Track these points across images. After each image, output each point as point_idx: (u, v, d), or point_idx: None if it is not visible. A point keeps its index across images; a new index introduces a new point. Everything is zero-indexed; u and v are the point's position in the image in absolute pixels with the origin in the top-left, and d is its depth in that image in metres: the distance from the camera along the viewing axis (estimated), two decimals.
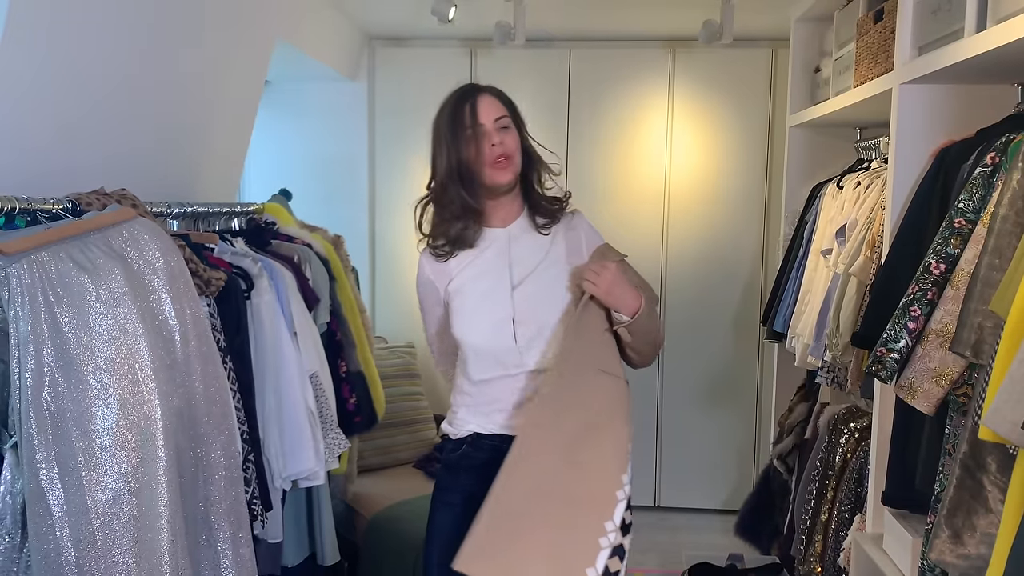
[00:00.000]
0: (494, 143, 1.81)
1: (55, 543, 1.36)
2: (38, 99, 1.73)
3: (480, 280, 1.88)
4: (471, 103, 1.82)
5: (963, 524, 1.48)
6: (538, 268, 1.87)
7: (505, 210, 1.91)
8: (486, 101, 1.83)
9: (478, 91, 1.85)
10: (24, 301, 1.37)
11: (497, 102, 1.85)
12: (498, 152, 1.80)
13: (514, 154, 1.83)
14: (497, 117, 1.82)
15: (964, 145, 1.79)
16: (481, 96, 1.84)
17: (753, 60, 3.97)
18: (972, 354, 1.48)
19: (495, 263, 1.88)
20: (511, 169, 1.83)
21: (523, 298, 1.84)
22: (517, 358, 1.83)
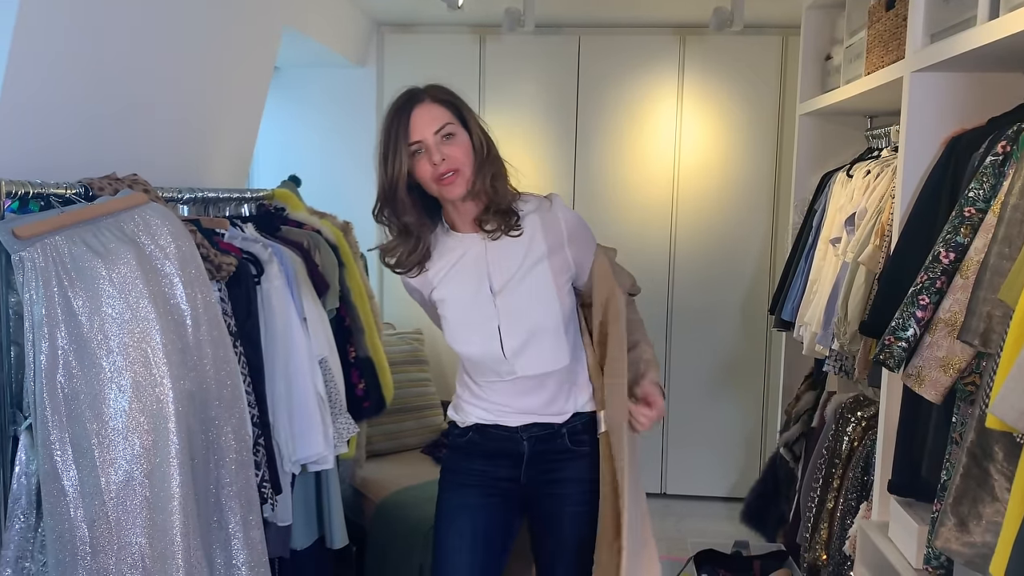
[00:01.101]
0: (435, 161, 1.66)
1: (69, 523, 1.39)
2: (51, 87, 1.74)
3: (462, 289, 1.79)
4: (405, 119, 1.67)
5: (969, 512, 1.49)
6: (519, 271, 1.76)
7: (472, 214, 1.77)
8: (423, 112, 1.67)
9: (414, 102, 1.68)
10: (38, 285, 1.39)
11: (437, 109, 1.68)
12: (442, 169, 1.66)
13: (462, 165, 1.68)
14: (438, 128, 1.67)
15: (975, 134, 1.79)
16: (417, 108, 1.67)
17: (764, 48, 3.95)
18: (980, 343, 1.48)
19: (474, 271, 1.78)
20: (461, 182, 1.68)
21: (506, 306, 1.75)
22: (508, 367, 1.77)
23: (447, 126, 1.67)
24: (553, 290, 1.76)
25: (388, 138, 1.68)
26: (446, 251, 1.80)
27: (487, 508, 1.86)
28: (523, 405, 1.81)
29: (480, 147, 1.71)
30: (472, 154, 1.70)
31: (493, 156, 1.73)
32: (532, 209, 1.79)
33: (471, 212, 1.76)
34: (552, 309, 1.76)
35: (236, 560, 1.63)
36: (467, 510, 1.86)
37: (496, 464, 1.85)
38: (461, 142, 1.69)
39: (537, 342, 1.76)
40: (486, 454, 1.85)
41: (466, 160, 1.68)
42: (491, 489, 1.86)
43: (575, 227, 1.83)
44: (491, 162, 1.72)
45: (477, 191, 1.70)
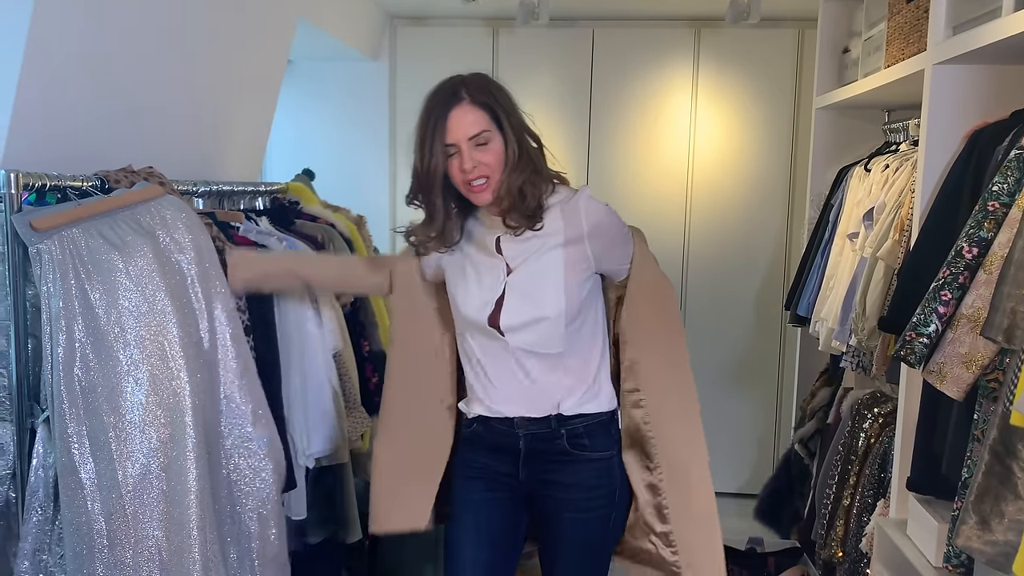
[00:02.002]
0: (465, 168, 1.65)
1: (86, 516, 1.39)
2: (66, 81, 1.73)
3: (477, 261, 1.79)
4: (443, 118, 1.65)
5: (991, 510, 1.47)
6: (533, 254, 1.74)
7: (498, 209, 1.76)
8: (461, 114, 1.65)
9: (454, 101, 1.66)
10: (56, 277, 1.39)
11: (475, 113, 1.65)
12: (472, 176, 1.66)
13: (493, 172, 1.66)
14: (473, 135, 1.65)
15: (998, 127, 1.76)
16: (456, 109, 1.65)
17: (780, 40, 3.92)
18: (1004, 339, 1.46)
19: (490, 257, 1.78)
20: (489, 189, 1.68)
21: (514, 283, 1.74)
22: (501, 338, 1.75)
23: (483, 133, 1.65)
24: (561, 280, 1.72)
25: (424, 132, 1.68)
26: (472, 239, 1.81)
27: (492, 503, 1.85)
28: (512, 388, 1.77)
29: (513, 153, 1.67)
30: (504, 160, 1.67)
31: (526, 159, 1.69)
32: (557, 201, 1.77)
33: (498, 207, 1.74)
34: (555, 298, 1.72)
35: (252, 554, 1.63)
36: (471, 504, 1.85)
37: (498, 459, 1.83)
38: (494, 148, 1.66)
39: (536, 324, 1.73)
40: (489, 447, 1.84)
41: (497, 166, 1.67)
42: (495, 484, 1.85)
43: (598, 223, 1.78)
44: (523, 167, 1.68)
45: (502, 196, 1.69)
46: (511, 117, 1.69)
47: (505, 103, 1.70)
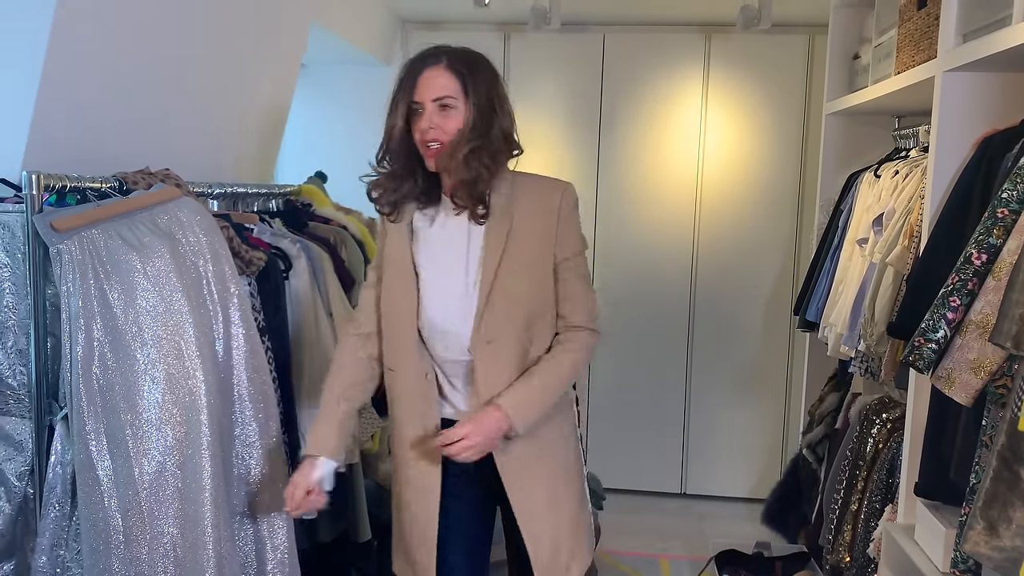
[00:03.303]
0: (422, 126, 1.65)
1: (103, 512, 1.41)
2: (85, 86, 1.76)
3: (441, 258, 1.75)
4: (414, 77, 1.66)
5: (999, 516, 1.47)
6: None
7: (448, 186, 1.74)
8: (432, 76, 1.65)
9: (428, 63, 1.66)
10: (75, 277, 1.41)
11: (446, 77, 1.64)
12: (427, 137, 1.66)
13: (447, 139, 1.64)
14: (438, 96, 1.64)
15: (1008, 134, 1.77)
16: (428, 70, 1.65)
17: (790, 46, 3.93)
18: (1013, 345, 1.47)
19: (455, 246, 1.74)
20: (442, 155, 1.66)
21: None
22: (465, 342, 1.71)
23: (447, 98, 1.64)
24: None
25: (396, 89, 1.69)
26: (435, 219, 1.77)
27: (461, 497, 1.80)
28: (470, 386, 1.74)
29: (475, 124, 1.65)
30: (466, 129, 1.64)
31: (483, 134, 1.65)
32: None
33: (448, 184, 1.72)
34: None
35: (264, 552, 1.65)
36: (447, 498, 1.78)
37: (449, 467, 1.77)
38: (455, 116, 1.65)
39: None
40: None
41: (454, 134, 1.65)
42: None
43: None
44: (476, 137, 1.64)
45: (446, 161, 1.66)
46: (483, 93, 1.66)
47: (482, 79, 1.67)
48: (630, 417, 4.17)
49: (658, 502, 4.16)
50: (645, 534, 3.75)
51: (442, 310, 1.72)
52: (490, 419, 1.64)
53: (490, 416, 1.64)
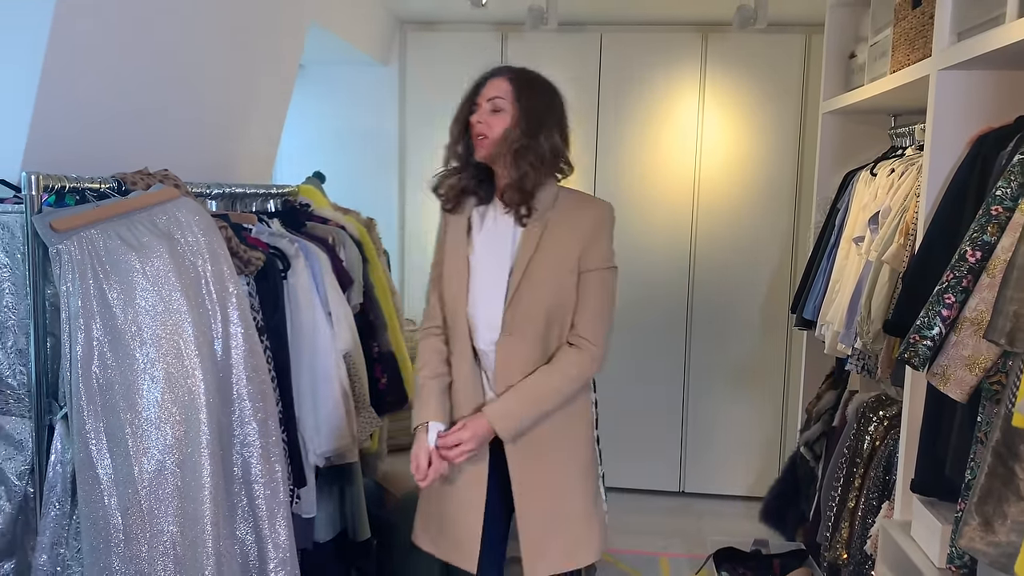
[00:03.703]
0: (472, 119, 1.88)
1: (103, 511, 1.41)
2: (85, 85, 1.77)
3: (487, 253, 1.92)
4: (483, 81, 1.91)
5: (994, 512, 1.48)
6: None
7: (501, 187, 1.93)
8: (494, 82, 1.89)
9: (496, 73, 1.91)
10: (75, 277, 1.42)
11: (504, 84, 1.88)
12: (477, 130, 1.88)
13: (493, 135, 1.85)
14: (492, 97, 1.87)
15: (1002, 132, 1.78)
16: (493, 78, 1.90)
17: (787, 45, 3.94)
18: (1007, 342, 1.48)
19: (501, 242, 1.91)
20: (486, 146, 1.87)
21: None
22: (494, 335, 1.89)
23: (498, 100, 1.86)
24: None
25: (468, 91, 1.94)
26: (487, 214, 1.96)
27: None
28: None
29: (522, 127, 1.84)
30: (509, 135, 1.84)
31: (530, 137, 1.84)
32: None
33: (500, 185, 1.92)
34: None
35: (265, 551, 1.65)
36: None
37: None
38: (503, 118, 1.86)
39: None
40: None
41: (499, 132, 1.85)
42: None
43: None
44: (522, 138, 1.84)
45: (496, 156, 1.86)
46: (534, 103, 1.88)
47: (537, 93, 1.90)
48: (628, 416, 4.18)
49: (657, 500, 4.17)
50: (644, 532, 3.76)
51: (480, 301, 1.90)
52: (479, 427, 1.83)
53: (479, 424, 1.83)
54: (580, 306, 1.88)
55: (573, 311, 1.89)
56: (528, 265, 1.85)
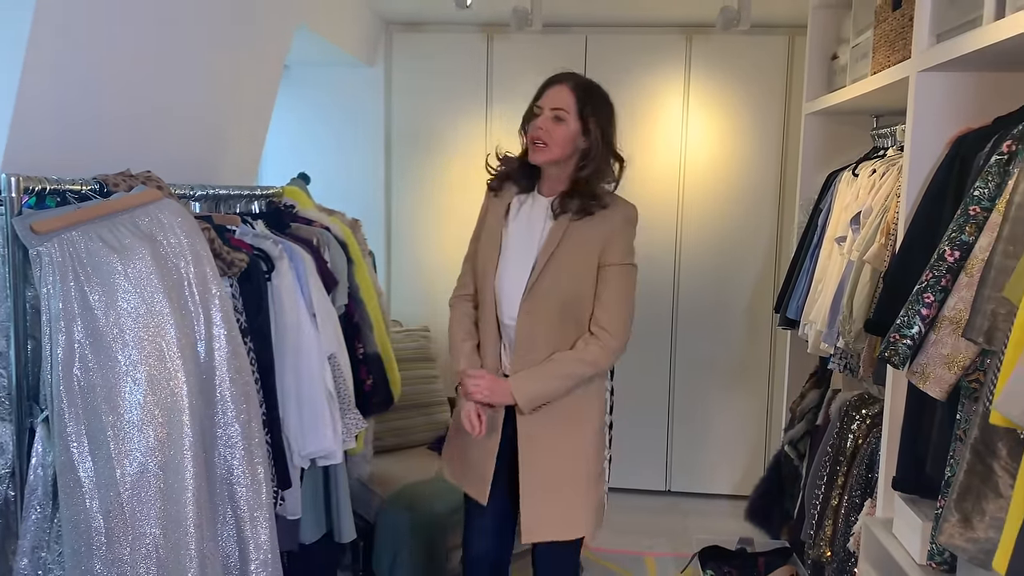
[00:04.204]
0: (538, 126, 2.05)
1: (85, 513, 1.41)
2: (67, 85, 1.76)
3: (519, 237, 2.13)
4: (546, 87, 2.10)
5: (973, 508, 1.50)
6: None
7: (550, 184, 2.15)
8: (556, 90, 2.07)
9: (560, 80, 2.09)
10: (55, 279, 1.41)
11: (567, 95, 2.05)
12: (536, 135, 2.05)
13: (552, 143, 2.04)
14: (555, 107, 2.05)
15: (981, 133, 1.80)
16: (556, 85, 2.08)
17: (770, 47, 3.96)
18: (984, 340, 1.49)
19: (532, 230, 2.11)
20: (543, 154, 2.05)
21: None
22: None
23: (561, 111, 2.05)
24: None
25: (538, 90, 2.12)
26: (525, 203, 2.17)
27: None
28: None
29: (585, 143, 2.06)
30: (569, 142, 2.05)
31: (597, 156, 2.07)
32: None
33: (550, 179, 2.13)
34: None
35: (247, 552, 1.65)
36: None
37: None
38: (564, 128, 2.05)
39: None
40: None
41: (558, 142, 2.05)
42: None
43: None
44: (594, 159, 2.07)
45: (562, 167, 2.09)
46: (598, 118, 2.07)
47: (598, 109, 2.08)
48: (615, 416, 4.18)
49: (643, 500, 4.19)
50: (631, 532, 3.77)
51: (507, 278, 2.10)
52: (502, 385, 2.05)
53: (502, 384, 2.05)
54: (599, 299, 2.07)
55: (592, 301, 2.08)
56: (552, 255, 2.05)
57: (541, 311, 2.05)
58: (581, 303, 2.07)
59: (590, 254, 2.06)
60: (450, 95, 4.10)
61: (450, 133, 4.12)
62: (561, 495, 2.10)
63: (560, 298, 2.05)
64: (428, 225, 4.18)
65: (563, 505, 2.11)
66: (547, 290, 2.05)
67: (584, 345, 2.07)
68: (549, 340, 2.06)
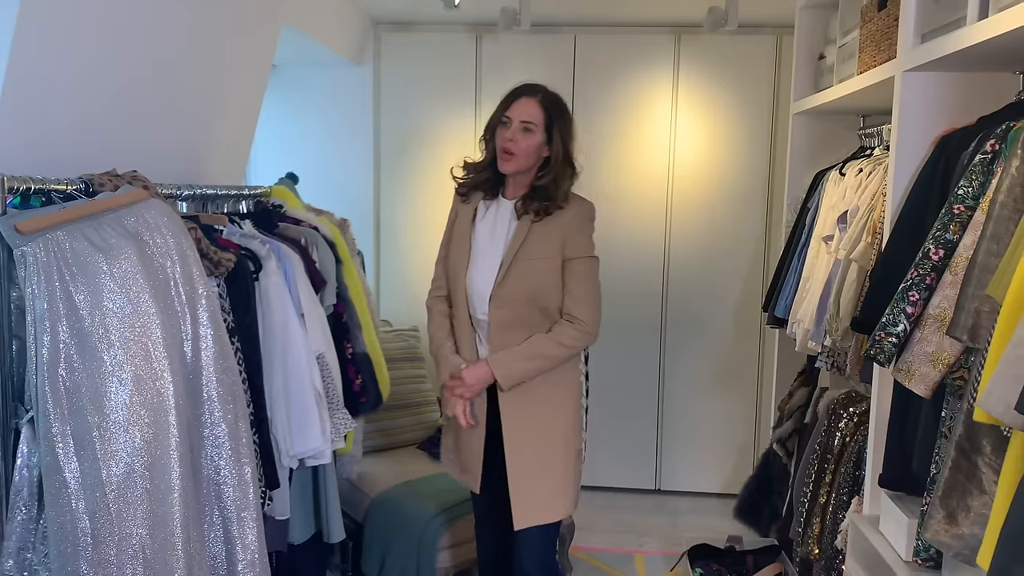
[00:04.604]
0: (506, 136, 2.18)
1: (71, 515, 1.40)
2: (52, 85, 1.75)
3: (487, 238, 2.27)
4: (513, 98, 2.21)
5: (958, 505, 1.51)
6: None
7: (513, 188, 2.29)
8: (525, 103, 2.19)
9: (527, 92, 2.21)
10: (40, 279, 1.40)
11: (535, 108, 2.18)
12: (506, 146, 2.18)
13: (520, 154, 2.18)
14: (524, 120, 2.18)
15: (965, 133, 1.81)
16: (525, 97, 2.20)
17: (758, 47, 3.98)
18: (969, 338, 1.50)
19: (498, 231, 2.27)
20: (512, 163, 2.19)
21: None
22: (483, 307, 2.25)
23: (530, 124, 2.18)
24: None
25: (500, 102, 2.24)
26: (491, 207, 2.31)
27: None
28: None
29: (547, 152, 2.22)
30: (535, 152, 2.20)
31: (561, 163, 2.21)
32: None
33: (522, 190, 2.26)
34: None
35: (234, 552, 1.65)
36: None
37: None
38: (533, 139, 2.19)
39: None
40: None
41: (527, 152, 2.19)
42: None
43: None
44: (554, 168, 2.20)
45: (526, 173, 2.23)
46: (561, 130, 2.21)
47: (562, 123, 2.22)
48: (604, 415, 4.20)
49: (633, 498, 4.20)
50: (620, 530, 3.78)
51: (478, 277, 2.25)
52: (479, 368, 2.20)
53: (480, 366, 2.20)
54: (568, 291, 2.22)
55: (557, 293, 2.22)
56: (516, 253, 2.20)
57: (510, 305, 2.21)
58: (547, 295, 2.21)
59: (552, 250, 2.20)
60: (439, 95, 4.10)
61: (439, 133, 4.12)
62: (547, 480, 2.25)
63: (526, 292, 2.20)
64: (417, 225, 4.18)
65: (550, 489, 2.25)
66: (514, 285, 2.20)
67: (560, 328, 2.21)
68: (519, 331, 2.21)
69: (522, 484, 2.24)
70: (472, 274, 2.26)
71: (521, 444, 2.25)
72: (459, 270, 2.28)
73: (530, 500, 2.24)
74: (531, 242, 2.21)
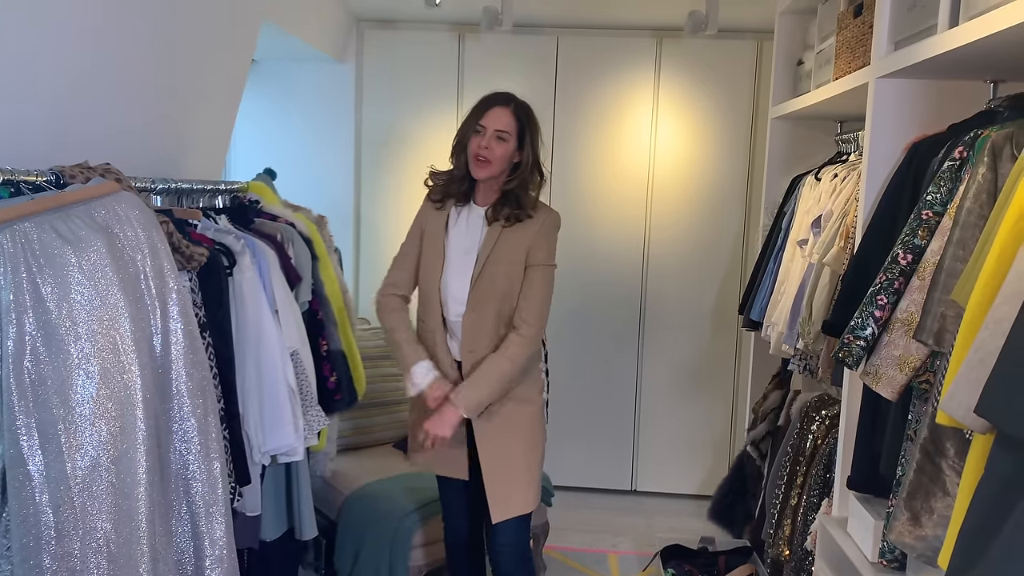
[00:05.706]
0: (481, 144, 2.27)
1: (34, 508, 1.39)
2: (25, 76, 1.73)
3: (460, 244, 2.35)
4: (487, 107, 2.29)
5: (921, 507, 1.53)
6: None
7: (484, 194, 2.38)
8: (499, 112, 2.28)
9: (500, 102, 2.29)
10: (6, 270, 1.39)
11: (509, 117, 2.27)
12: (481, 153, 2.27)
13: (494, 161, 2.27)
14: (498, 128, 2.27)
15: (935, 139, 1.83)
16: (498, 107, 2.28)
17: (738, 52, 4.01)
18: (934, 342, 1.52)
19: (471, 236, 2.35)
20: (486, 170, 2.28)
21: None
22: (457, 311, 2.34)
23: (504, 132, 2.27)
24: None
25: (473, 111, 2.32)
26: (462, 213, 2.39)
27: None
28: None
29: (517, 158, 2.31)
30: (508, 159, 2.29)
31: (529, 172, 2.31)
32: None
33: (492, 196, 2.35)
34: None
35: (201, 548, 1.64)
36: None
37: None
38: (506, 147, 2.28)
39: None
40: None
41: (501, 159, 2.28)
42: None
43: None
44: (522, 173, 2.30)
45: (497, 180, 2.31)
46: (533, 139, 2.32)
47: (533, 131, 2.32)
48: (580, 415, 4.21)
49: (608, 499, 4.21)
50: (594, 530, 3.79)
51: (451, 281, 2.34)
52: (448, 414, 2.27)
53: (449, 412, 2.27)
54: (524, 295, 2.31)
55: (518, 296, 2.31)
56: (488, 258, 2.30)
57: (482, 307, 2.30)
58: (512, 298, 2.32)
59: (519, 256, 2.30)
60: (421, 93, 4.09)
61: (421, 131, 4.12)
62: (518, 473, 2.36)
63: (497, 295, 2.30)
64: (397, 223, 4.16)
65: (522, 482, 2.37)
66: (487, 288, 2.30)
67: (508, 343, 2.29)
68: (491, 332, 2.31)
69: (496, 480, 2.35)
70: (447, 278, 2.34)
71: (491, 443, 2.35)
72: (433, 274, 2.35)
73: (505, 495, 2.35)
74: (501, 247, 2.30)
